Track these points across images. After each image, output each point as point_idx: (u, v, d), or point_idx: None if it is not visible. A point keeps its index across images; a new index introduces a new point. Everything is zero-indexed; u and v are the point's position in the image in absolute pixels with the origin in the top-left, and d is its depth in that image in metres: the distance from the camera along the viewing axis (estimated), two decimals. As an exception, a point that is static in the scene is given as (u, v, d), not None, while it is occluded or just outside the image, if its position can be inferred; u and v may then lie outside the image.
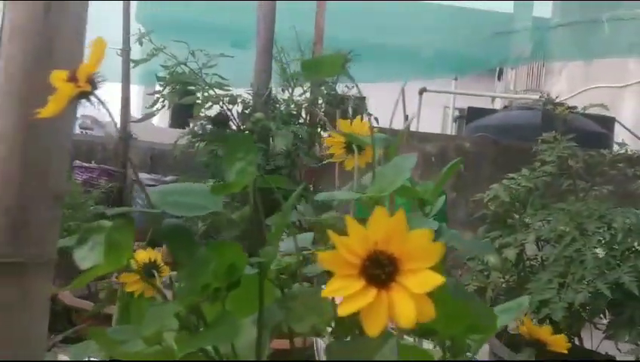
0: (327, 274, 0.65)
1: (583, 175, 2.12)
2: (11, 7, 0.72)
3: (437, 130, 5.99)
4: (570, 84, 5.47)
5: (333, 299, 0.53)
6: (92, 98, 0.48)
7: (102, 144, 3.59)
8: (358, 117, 0.81)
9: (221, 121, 1.90)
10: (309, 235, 0.73)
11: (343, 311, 0.33)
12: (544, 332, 0.65)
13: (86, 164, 3.08)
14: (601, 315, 1.82)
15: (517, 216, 2.19)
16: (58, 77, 0.47)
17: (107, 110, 0.57)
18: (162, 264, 0.74)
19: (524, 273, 2.06)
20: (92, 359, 1.11)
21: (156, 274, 0.72)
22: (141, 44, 1.99)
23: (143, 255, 0.73)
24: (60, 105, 0.46)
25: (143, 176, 3.19)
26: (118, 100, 3.49)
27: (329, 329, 0.72)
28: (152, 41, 2.05)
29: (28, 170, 0.69)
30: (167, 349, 0.56)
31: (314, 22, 3.64)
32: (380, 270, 0.34)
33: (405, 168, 0.51)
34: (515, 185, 2.18)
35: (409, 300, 0.33)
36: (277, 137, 0.58)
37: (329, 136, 0.83)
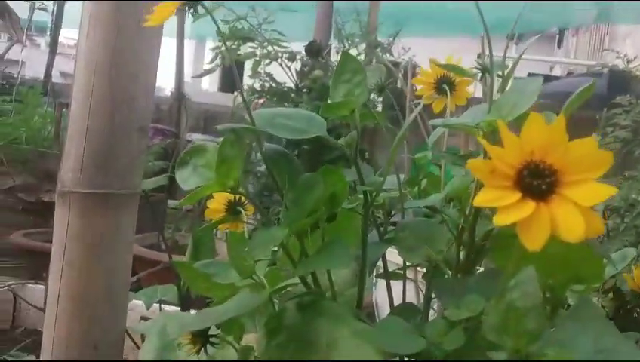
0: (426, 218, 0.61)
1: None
2: None
3: (494, 97, 5.80)
4: (636, 52, 5.18)
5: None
6: (199, 7, 0.46)
7: (156, 104, 3.64)
8: (450, 55, 0.77)
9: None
10: (399, 177, 0.69)
11: (500, 220, 0.30)
12: (658, 284, 0.61)
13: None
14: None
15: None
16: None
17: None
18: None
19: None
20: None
21: (242, 212, 0.71)
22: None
23: (227, 194, 0.72)
24: (168, 12, 0.43)
25: (197, 136, 3.21)
26: (172, 56, 3.48)
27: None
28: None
29: (116, 102, 0.68)
30: (260, 283, 0.54)
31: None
32: (540, 180, 0.30)
33: (530, 91, 0.47)
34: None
35: (576, 212, 0.29)
36: (368, 72, 0.54)
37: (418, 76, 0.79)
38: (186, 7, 0.46)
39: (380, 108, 2.96)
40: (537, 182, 0.30)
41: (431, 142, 0.67)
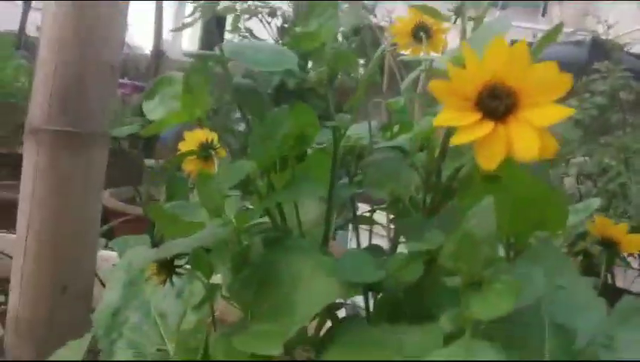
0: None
1: (634, 109, 2.03)
2: None
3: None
4: (620, 19, 5.20)
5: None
6: None
7: (134, 61, 3.57)
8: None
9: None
10: (374, 122, 0.69)
11: (457, 140, 0.30)
12: (619, 231, 0.62)
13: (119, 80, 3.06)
14: (636, 255, 1.79)
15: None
16: None
17: None
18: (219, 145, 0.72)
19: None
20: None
21: (213, 154, 0.71)
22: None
23: (199, 134, 0.71)
24: None
25: (176, 94, 3.17)
26: (151, 15, 3.42)
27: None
28: None
29: (85, 36, 0.66)
30: (228, 221, 0.54)
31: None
32: (498, 101, 0.30)
33: (500, 29, 0.47)
34: (561, 117, 2.10)
35: (531, 132, 0.29)
36: (343, 12, 0.53)
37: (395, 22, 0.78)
38: None
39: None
40: (496, 103, 0.31)
41: (404, 87, 0.67)
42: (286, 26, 2.05)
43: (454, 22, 0.61)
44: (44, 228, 0.67)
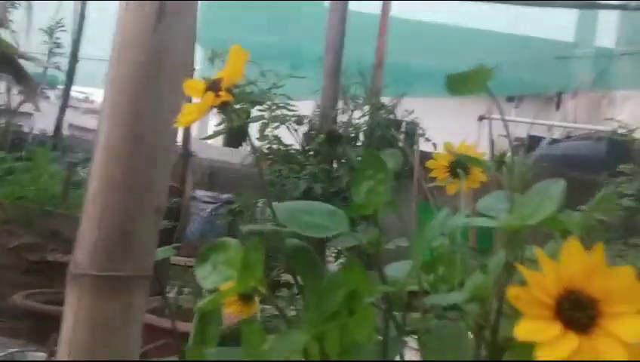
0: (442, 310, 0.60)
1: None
2: (122, 18, 0.72)
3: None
4: (633, 116, 5.27)
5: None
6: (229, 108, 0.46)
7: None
8: (463, 140, 0.78)
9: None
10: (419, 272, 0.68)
11: (544, 356, 0.29)
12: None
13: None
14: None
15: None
16: (193, 87, 0.45)
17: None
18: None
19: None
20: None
21: (256, 299, 0.70)
22: (213, 63, 2.01)
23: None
24: (201, 115, 0.44)
25: (201, 193, 3.22)
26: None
27: None
28: (224, 63, 2.06)
29: (132, 182, 0.68)
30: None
31: (375, 44, 3.64)
32: (582, 313, 0.30)
33: (553, 195, 0.47)
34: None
35: (619, 348, 0.28)
36: (387, 156, 0.56)
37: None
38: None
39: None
40: (579, 314, 0.30)
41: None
42: (312, 133, 2.11)
43: (497, 170, 0.61)
44: (83, 373, 0.66)
